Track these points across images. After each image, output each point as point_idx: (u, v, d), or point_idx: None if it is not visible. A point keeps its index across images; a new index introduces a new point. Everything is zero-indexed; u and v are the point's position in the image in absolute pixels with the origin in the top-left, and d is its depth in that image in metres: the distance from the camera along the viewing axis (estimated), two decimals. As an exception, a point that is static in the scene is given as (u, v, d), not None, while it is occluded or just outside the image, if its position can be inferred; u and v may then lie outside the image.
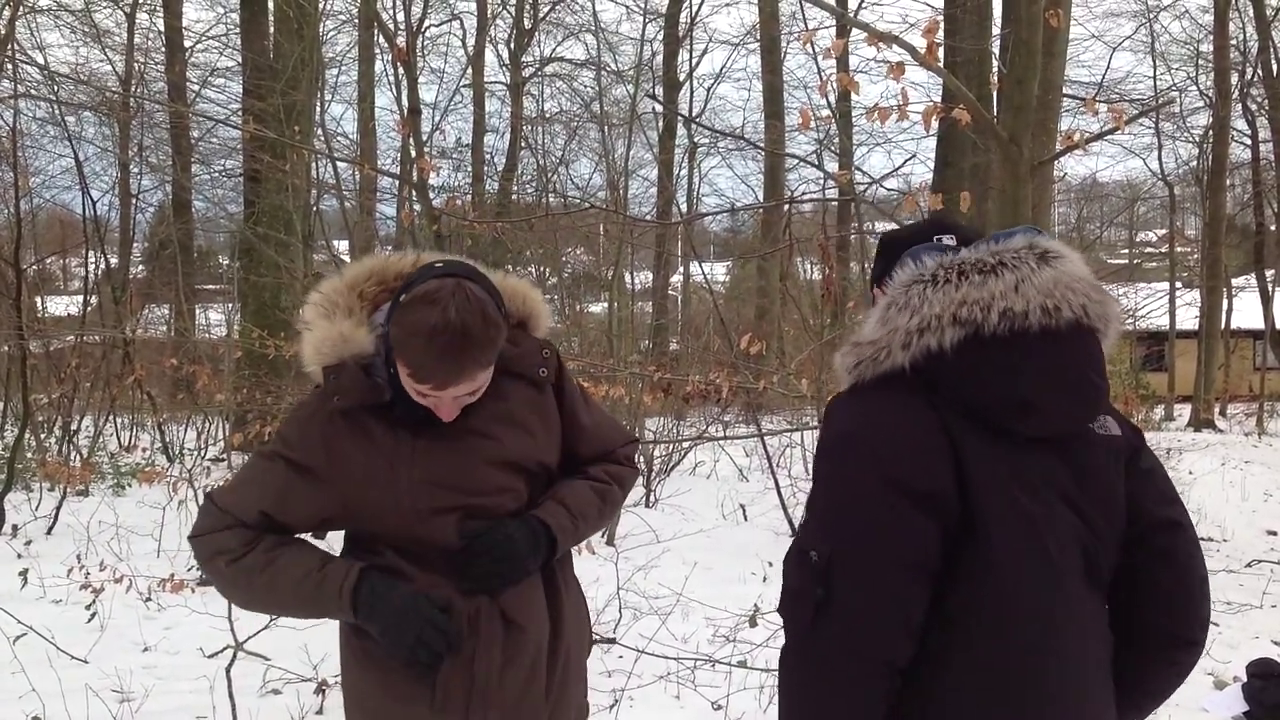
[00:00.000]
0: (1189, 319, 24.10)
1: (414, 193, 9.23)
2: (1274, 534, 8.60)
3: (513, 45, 21.63)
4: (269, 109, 11.37)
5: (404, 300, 1.80)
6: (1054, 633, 1.47)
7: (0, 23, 9.10)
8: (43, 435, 11.32)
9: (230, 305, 16.12)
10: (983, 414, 1.49)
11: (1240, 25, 21.76)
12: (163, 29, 18.93)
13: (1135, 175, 36.41)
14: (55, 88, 14.68)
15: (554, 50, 22.89)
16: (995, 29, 12.79)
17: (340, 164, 12.08)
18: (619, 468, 2.13)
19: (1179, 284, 25.27)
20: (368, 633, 1.88)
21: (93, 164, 18.51)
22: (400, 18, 18.70)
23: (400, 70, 16.45)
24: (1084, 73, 24.17)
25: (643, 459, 9.20)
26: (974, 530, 1.45)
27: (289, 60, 11.78)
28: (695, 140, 22.62)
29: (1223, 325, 22.93)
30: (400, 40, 17.03)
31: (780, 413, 13.18)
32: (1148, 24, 23.42)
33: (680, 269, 22.79)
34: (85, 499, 9.16)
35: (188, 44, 19.37)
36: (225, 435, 11.21)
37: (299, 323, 1.97)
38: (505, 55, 21.98)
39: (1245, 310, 25.43)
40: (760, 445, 9.38)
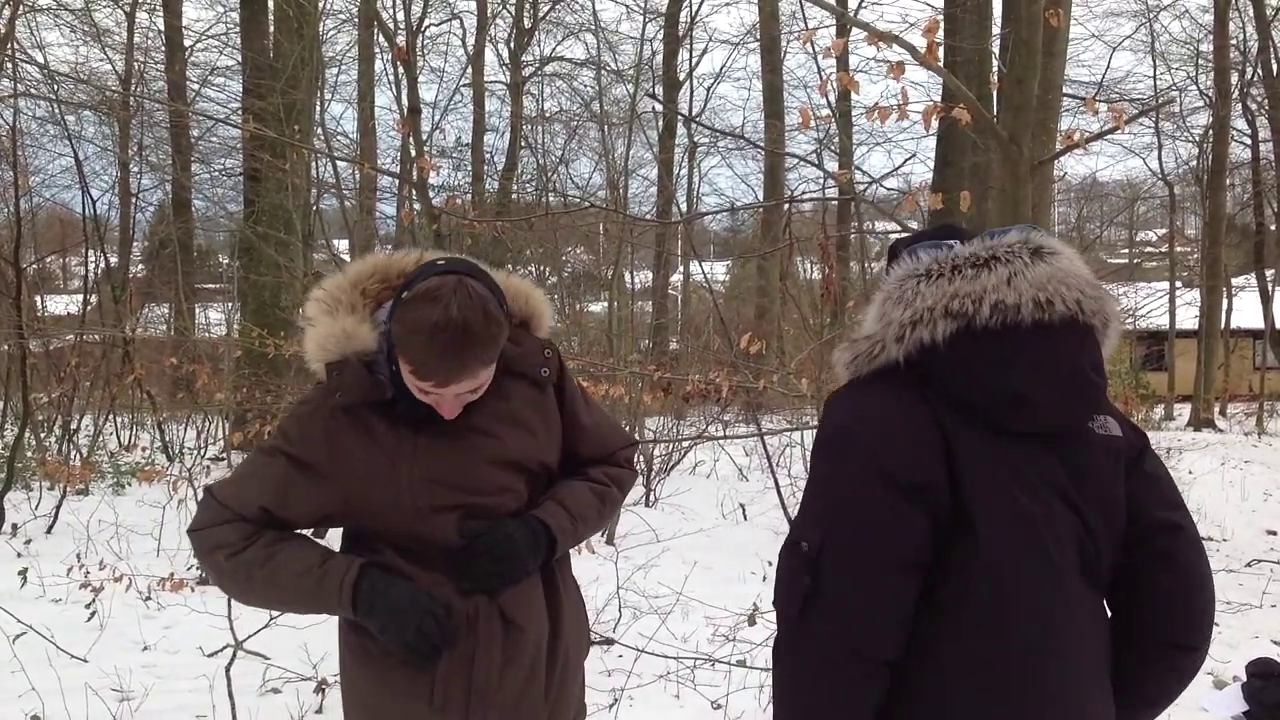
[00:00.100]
0: (1189, 318, 24.10)
1: (414, 192, 9.23)
2: (1274, 534, 8.60)
3: (512, 44, 21.63)
4: (269, 108, 11.36)
5: (406, 297, 1.79)
6: (1053, 632, 1.46)
7: (0, 21, 9.10)
8: (43, 434, 11.32)
9: (230, 304, 16.10)
10: (976, 408, 1.49)
11: (1240, 25, 21.77)
12: (162, 28, 18.94)
13: (1135, 175, 36.43)
14: (55, 87, 14.67)
15: (554, 49, 22.91)
16: (995, 28, 12.80)
17: (340, 163, 12.09)
18: (618, 470, 2.13)
19: (1179, 283, 25.27)
20: (367, 631, 1.88)
21: (92, 163, 18.53)
22: (400, 17, 18.73)
23: (400, 69, 16.47)
24: (1084, 72, 24.23)
25: (642, 458, 9.20)
26: (966, 525, 1.45)
27: (289, 59, 11.78)
28: (695, 139, 22.63)
29: (1223, 325, 22.93)
30: (400, 39, 17.04)
31: (780, 412, 13.17)
32: (1148, 23, 23.45)
33: (680, 268, 22.79)
34: (85, 498, 9.15)
35: (187, 43, 19.40)
36: (225, 434, 11.20)
37: (302, 319, 1.97)
38: (505, 54, 21.99)
39: (1245, 310, 25.42)
40: (760, 445, 9.36)
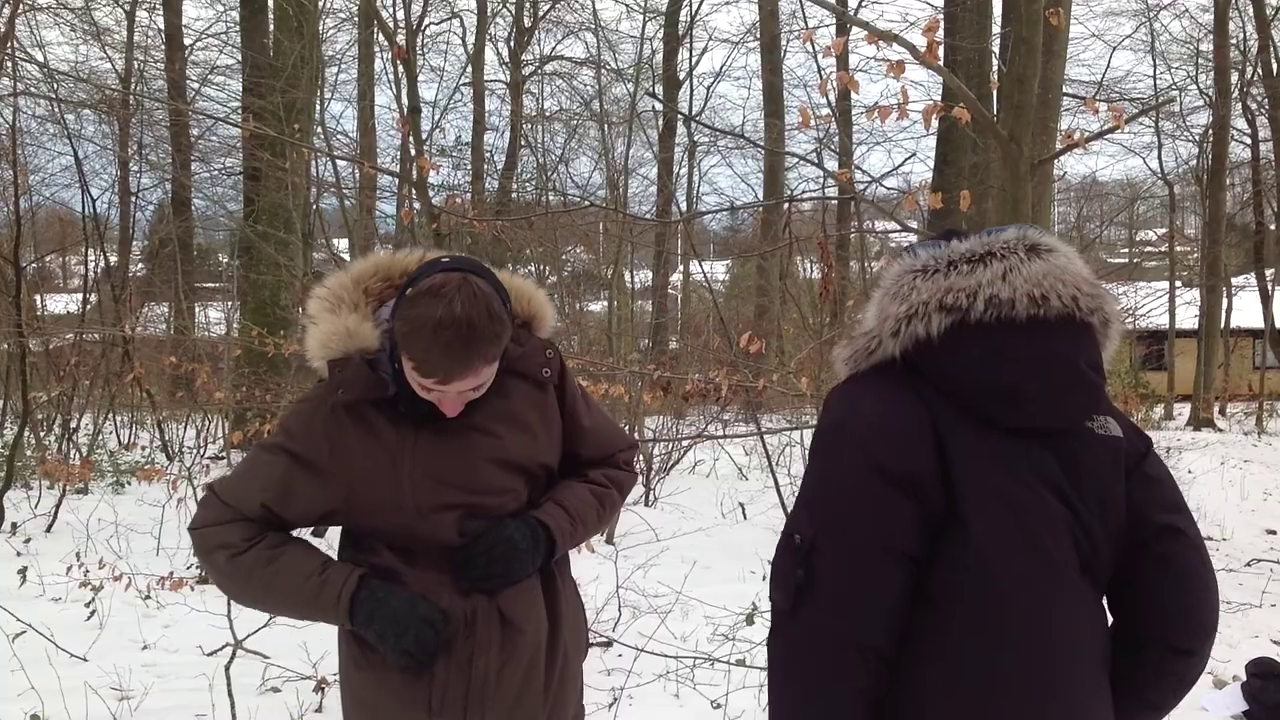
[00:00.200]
0: (1189, 318, 24.10)
1: (414, 191, 9.22)
2: (1273, 533, 8.60)
3: (512, 43, 21.65)
4: (269, 107, 11.37)
5: (410, 294, 1.79)
6: (1048, 625, 1.46)
7: (0, 20, 9.10)
8: (42, 433, 11.31)
9: (230, 303, 16.14)
10: (970, 402, 1.49)
11: (1240, 24, 21.78)
12: (162, 27, 18.97)
13: (1135, 174, 36.46)
14: (55, 85, 14.68)
15: (554, 48, 22.95)
16: (995, 28, 12.80)
17: (340, 162, 12.12)
18: (618, 472, 2.13)
19: (1179, 283, 25.24)
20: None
21: (92, 162, 18.57)
22: (400, 16, 18.71)
23: (400, 68, 16.42)
24: (1084, 72, 24.15)
25: (642, 457, 9.20)
26: (959, 518, 1.45)
27: (289, 58, 11.79)
28: (695, 139, 22.66)
29: (1222, 324, 22.94)
30: (400, 38, 17.03)
31: (780, 411, 13.18)
32: (1147, 23, 23.44)
33: (680, 268, 22.81)
34: (84, 497, 9.15)
35: (187, 42, 19.41)
36: (225, 433, 11.21)
37: (304, 317, 1.97)
38: (505, 53, 22.02)
39: (1245, 309, 25.41)
40: (760, 444, 9.37)
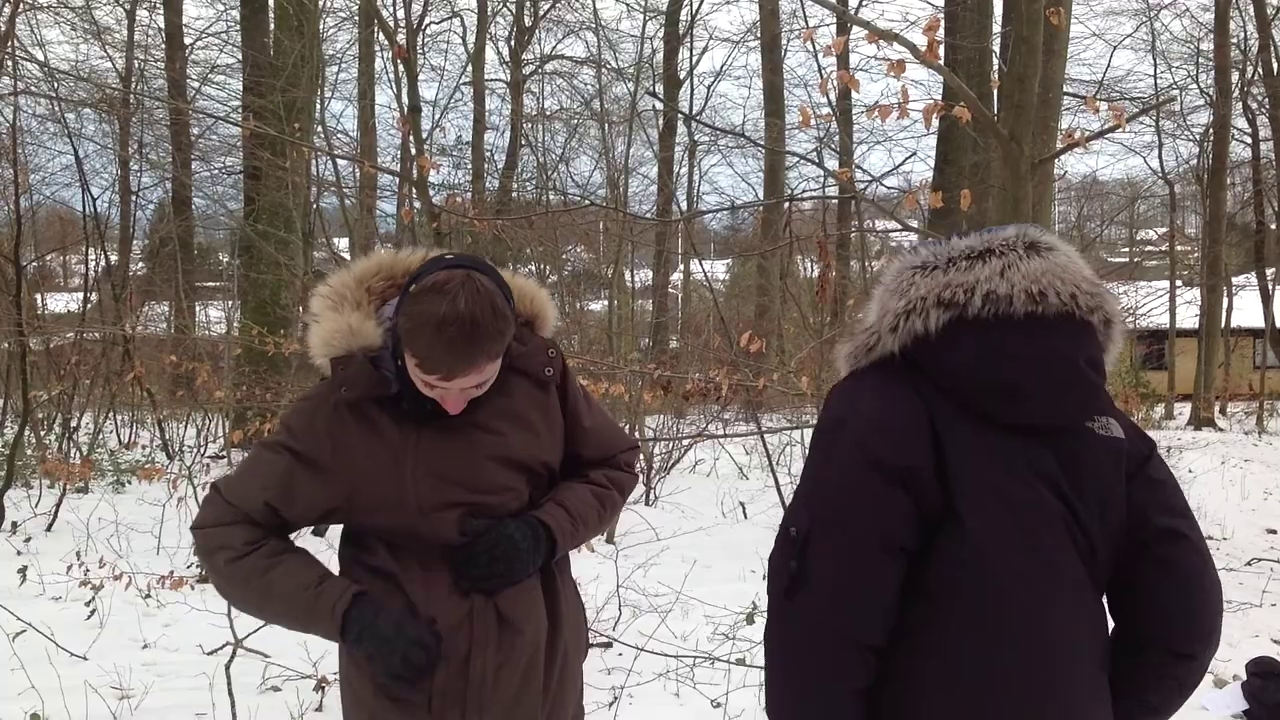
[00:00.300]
0: (1189, 317, 24.10)
1: (414, 190, 9.22)
2: (1274, 532, 8.60)
3: (513, 43, 21.64)
4: (269, 106, 11.37)
5: (414, 290, 1.79)
6: (1044, 622, 1.46)
7: (0, 19, 9.09)
8: (42, 432, 11.32)
9: (230, 302, 16.15)
10: (968, 399, 1.50)
11: (1241, 24, 21.76)
12: (163, 26, 18.96)
13: (1135, 173, 36.45)
14: (55, 84, 14.67)
15: (554, 47, 22.94)
16: (996, 27, 12.80)
17: (340, 161, 12.12)
18: (619, 473, 2.13)
19: (1179, 282, 25.24)
20: None
21: (93, 161, 18.56)
22: (400, 15, 18.70)
23: (400, 67, 16.42)
24: (1084, 71, 24.10)
25: (642, 456, 9.20)
26: (954, 514, 1.46)
27: (289, 57, 11.79)
28: (695, 138, 22.65)
29: (1223, 324, 22.93)
30: (400, 37, 17.02)
31: (780, 411, 13.18)
32: (1148, 22, 23.42)
33: (680, 267, 22.81)
34: (85, 496, 9.15)
35: (188, 41, 19.41)
36: (225, 432, 11.21)
37: (307, 315, 1.97)
38: (505, 53, 22.01)
39: (1245, 309, 25.40)
40: (760, 443, 9.37)
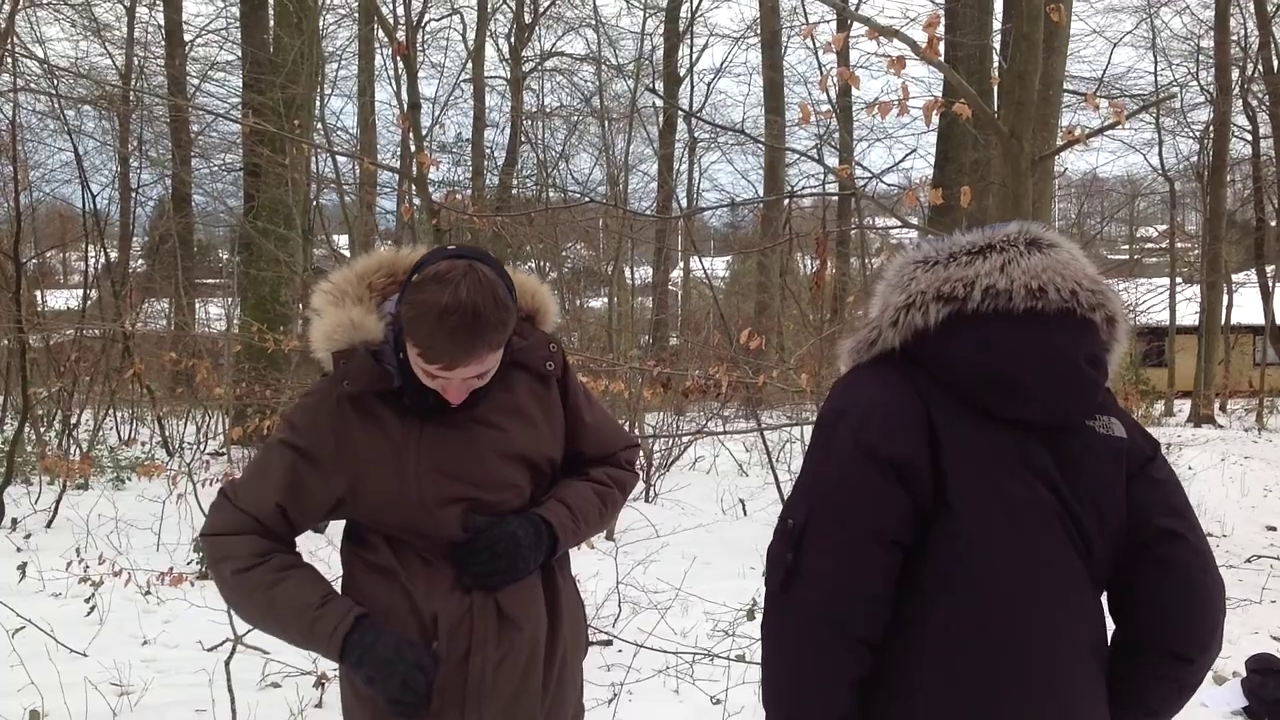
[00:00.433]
0: (1189, 314, 24.10)
1: (414, 187, 9.21)
2: (1273, 529, 8.60)
3: (513, 40, 21.61)
4: (269, 103, 11.37)
5: (415, 280, 1.79)
6: (1043, 621, 1.46)
7: (0, 16, 9.08)
8: (42, 429, 11.32)
9: (230, 299, 16.14)
10: (967, 393, 1.50)
11: (1241, 20, 21.74)
12: (163, 23, 18.94)
13: (1136, 171, 36.33)
14: (55, 82, 14.64)
15: (554, 45, 22.89)
16: (996, 24, 12.79)
17: (340, 158, 12.12)
18: (620, 471, 2.13)
19: (1179, 279, 25.22)
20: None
21: (92, 158, 18.51)
22: (400, 12, 18.66)
23: (400, 64, 16.41)
24: (1085, 68, 24.03)
25: (642, 454, 9.20)
26: (949, 507, 1.46)
27: (289, 54, 11.77)
28: (695, 135, 22.63)
29: (1223, 321, 22.92)
30: (400, 35, 17.00)
31: (780, 408, 13.18)
32: (1148, 19, 23.39)
33: (680, 264, 22.81)
34: (85, 492, 9.15)
35: (188, 38, 19.38)
36: (225, 429, 11.21)
37: (307, 311, 1.97)
38: (505, 50, 21.96)
39: (1245, 306, 25.38)
40: (760, 440, 9.38)
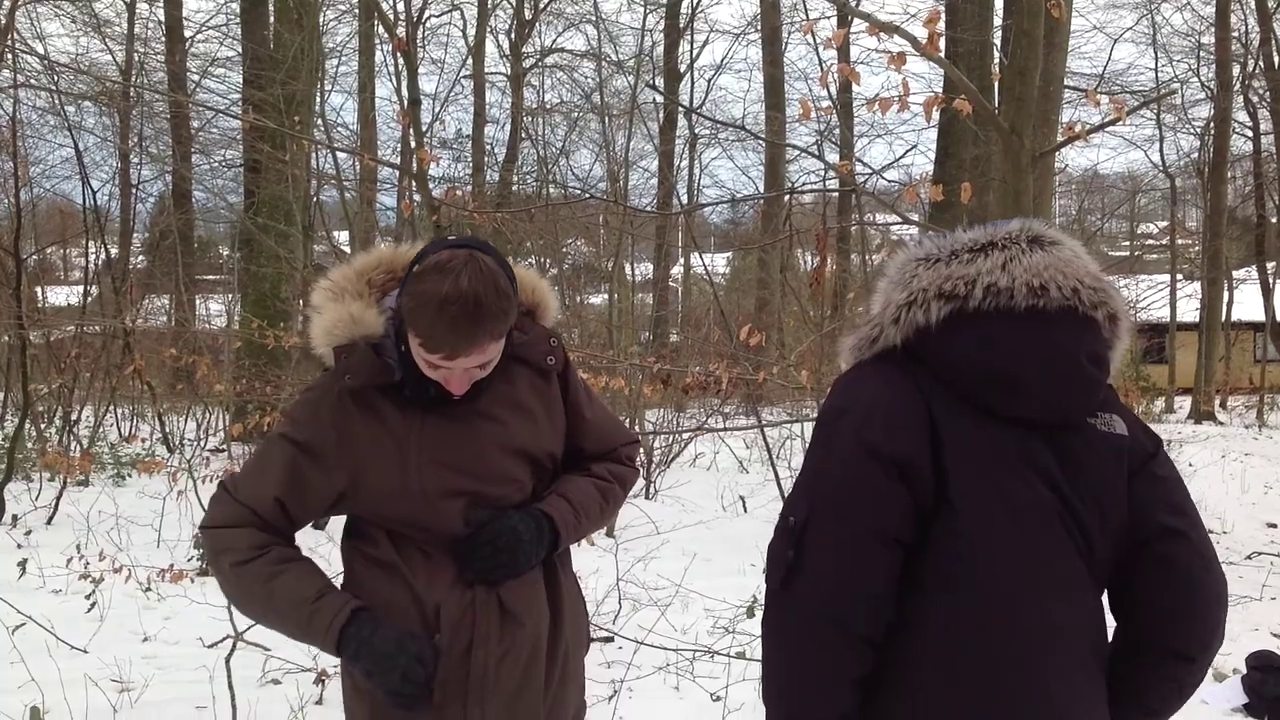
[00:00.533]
0: (1190, 311, 24.06)
1: (414, 183, 9.20)
2: (1274, 526, 8.61)
3: (513, 36, 21.58)
4: (269, 99, 11.35)
5: (416, 270, 1.79)
6: (1043, 619, 1.46)
7: (0, 13, 9.08)
8: (43, 425, 11.33)
9: (230, 296, 16.11)
10: (968, 391, 1.50)
11: (1242, 17, 21.72)
12: (163, 19, 18.93)
13: (1136, 167, 36.32)
14: (55, 77, 14.63)
15: (554, 41, 22.85)
16: (997, 20, 12.77)
17: (340, 154, 12.08)
18: (621, 467, 2.13)
19: (1180, 276, 25.18)
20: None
21: (93, 154, 18.50)
22: (400, 8, 18.61)
23: (400, 61, 16.39)
24: (1085, 64, 24.11)
25: (642, 450, 9.20)
26: (949, 505, 1.46)
27: (289, 50, 11.76)
28: (696, 131, 22.61)
29: (1223, 317, 22.90)
30: (400, 31, 16.98)
31: (780, 404, 13.19)
32: (1149, 16, 23.36)
33: (680, 260, 22.79)
34: (85, 489, 9.15)
35: (188, 34, 19.38)
36: (225, 425, 11.21)
37: (308, 307, 1.97)
38: (505, 46, 21.93)
39: (1246, 302, 25.35)
40: (760, 437, 9.37)
